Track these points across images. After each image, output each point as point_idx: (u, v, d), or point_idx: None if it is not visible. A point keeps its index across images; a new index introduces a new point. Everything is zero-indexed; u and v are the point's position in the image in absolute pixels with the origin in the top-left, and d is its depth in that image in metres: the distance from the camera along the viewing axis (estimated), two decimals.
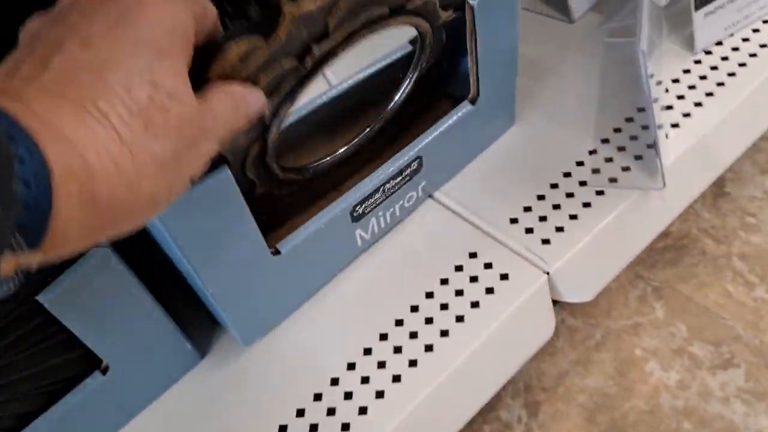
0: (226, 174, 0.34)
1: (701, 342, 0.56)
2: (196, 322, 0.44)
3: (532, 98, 0.52)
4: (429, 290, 0.43)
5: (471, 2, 0.41)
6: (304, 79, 0.35)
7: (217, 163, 0.34)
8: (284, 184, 0.41)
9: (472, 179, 0.48)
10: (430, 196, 0.48)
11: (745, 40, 0.52)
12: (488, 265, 0.43)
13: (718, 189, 0.66)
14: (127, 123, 0.23)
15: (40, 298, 0.33)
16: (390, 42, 0.45)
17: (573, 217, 0.44)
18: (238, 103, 0.28)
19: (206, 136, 0.26)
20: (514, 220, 0.45)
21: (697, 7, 0.50)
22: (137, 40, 0.24)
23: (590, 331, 0.58)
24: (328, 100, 0.45)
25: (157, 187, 0.24)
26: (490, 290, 0.42)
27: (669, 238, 0.64)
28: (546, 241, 0.44)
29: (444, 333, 0.41)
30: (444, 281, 0.43)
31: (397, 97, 0.45)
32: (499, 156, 0.49)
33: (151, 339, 0.39)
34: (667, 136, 0.47)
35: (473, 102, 0.46)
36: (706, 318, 0.57)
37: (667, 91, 0.50)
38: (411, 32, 0.42)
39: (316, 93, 0.45)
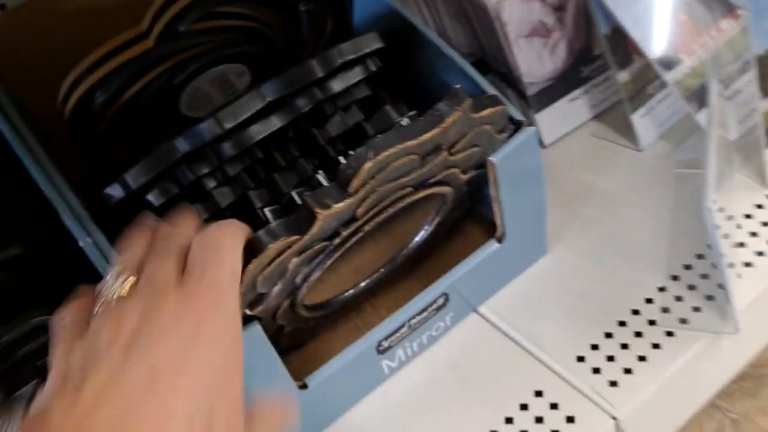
0: (256, 329, 0.37)
1: None
2: None
3: (600, 228, 0.53)
4: (494, 429, 0.43)
5: (492, 159, 0.43)
6: (332, 252, 0.39)
7: (249, 318, 0.37)
8: (310, 320, 0.44)
9: (526, 305, 0.49)
10: (475, 311, 0.50)
11: None
12: (554, 406, 0.43)
13: None
14: None
15: None
16: None
17: (642, 358, 0.44)
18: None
19: None
20: (581, 359, 0.45)
21: None
22: (201, 370, 0.24)
23: None
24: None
25: None
26: None
27: (747, 365, 0.62)
28: (614, 384, 0.43)
29: None
30: (509, 420, 0.43)
31: (418, 238, 0.46)
32: (563, 285, 0.50)
33: None
34: (740, 276, 0.46)
35: (500, 241, 0.47)
36: None
37: (739, 227, 0.50)
38: None
39: None
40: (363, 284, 0.46)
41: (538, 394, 0.44)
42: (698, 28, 0.55)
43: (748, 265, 0.47)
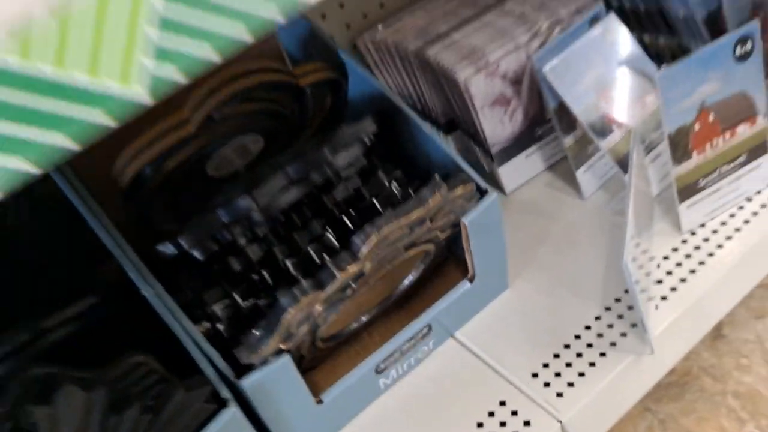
0: (287, 359, 0.48)
1: None
2: None
3: (551, 266, 0.65)
4: None
5: (464, 221, 0.55)
6: (345, 300, 0.50)
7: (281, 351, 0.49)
8: (324, 349, 0.55)
9: (492, 331, 0.61)
10: (452, 336, 0.61)
11: (723, 223, 0.64)
12: (514, 413, 0.55)
13: (716, 331, 0.78)
14: None
15: None
16: None
17: (581, 374, 0.56)
18: None
19: None
20: (535, 374, 0.57)
21: (681, 200, 0.63)
22: None
23: None
24: None
25: None
26: None
27: (674, 374, 0.75)
28: (560, 394, 0.56)
29: None
30: (480, 424, 0.55)
31: (407, 282, 0.58)
32: (521, 314, 0.62)
33: None
34: (657, 307, 0.59)
35: (471, 281, 0.59)
36: None
37: (658, 266, 0.62)
38: None
39: None
40: (364, 318, 0.57)
41: (502, 403, 0.56)
42: (629, 101, 0.68)
43: (664, 298, 0.60)
